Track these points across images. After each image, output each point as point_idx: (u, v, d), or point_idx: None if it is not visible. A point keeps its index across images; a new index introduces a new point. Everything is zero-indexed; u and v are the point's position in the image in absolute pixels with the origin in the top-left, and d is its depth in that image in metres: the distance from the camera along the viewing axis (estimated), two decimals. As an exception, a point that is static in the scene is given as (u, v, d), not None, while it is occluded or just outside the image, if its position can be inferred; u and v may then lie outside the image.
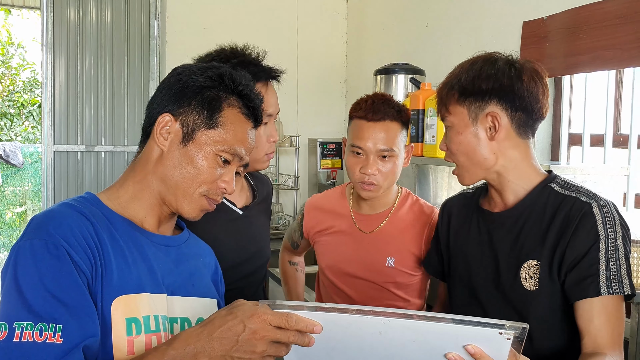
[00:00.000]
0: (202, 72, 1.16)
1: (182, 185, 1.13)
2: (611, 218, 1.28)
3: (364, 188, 1.77)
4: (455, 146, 1.41)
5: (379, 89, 3.12)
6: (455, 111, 1.40)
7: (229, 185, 1.16)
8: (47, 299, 0.94)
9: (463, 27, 3.19)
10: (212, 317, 0.98)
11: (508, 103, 1.35)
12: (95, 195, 1.14)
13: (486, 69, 1.36)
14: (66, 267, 0.97)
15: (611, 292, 1.24)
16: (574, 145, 2.69)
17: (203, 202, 1.15)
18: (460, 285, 1.51)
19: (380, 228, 1.85)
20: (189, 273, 1.20)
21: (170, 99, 1.14)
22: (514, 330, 0.88)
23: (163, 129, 1.13)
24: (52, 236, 0.98)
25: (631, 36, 2.19)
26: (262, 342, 0.93)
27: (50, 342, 0.92)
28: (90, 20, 3.96)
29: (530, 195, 1.39)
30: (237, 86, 1.16)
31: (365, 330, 0.93)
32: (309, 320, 0.93)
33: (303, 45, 4.38)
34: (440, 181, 2.90)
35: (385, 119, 1.73)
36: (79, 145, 3.98)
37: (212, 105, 1.13)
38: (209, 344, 0.94)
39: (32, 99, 10.41)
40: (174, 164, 1.12)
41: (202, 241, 1.33)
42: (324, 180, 4.09)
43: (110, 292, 1.02)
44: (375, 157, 1.74)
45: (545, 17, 2.58)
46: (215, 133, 1.13)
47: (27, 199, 9.53)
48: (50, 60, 3.89)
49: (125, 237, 1.10)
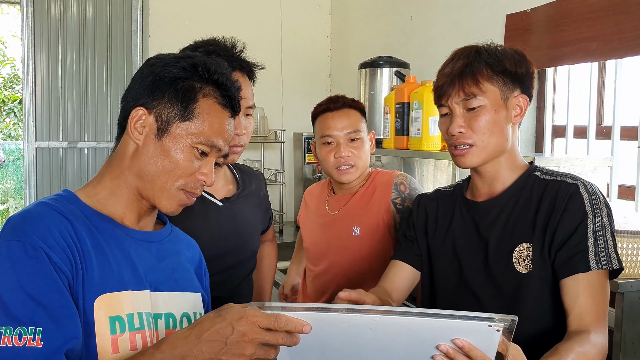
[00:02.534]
0: (176, 63, 1.12)
1: (159, 180, 1.10)
2: (597, 197, 1.33)
3: (342, 172, 1.91)
4: (487, 124, 1.36)
5: (364, 82, 3.12)
6: (489, 89, 1.37)
7: (208, 178, 1.13)
8: (26, 302, 0.92)
9: (447, 20, 3.20)
10: (201, 320, 0.97)
11: (526, 89, 1.41)
12: (73, 193, 1.11)
13: (516, 54, 1.40)
14: (45, 269, 0.94)
15: (600, 267, 1.28)
16: (558, 137, 2.71)
17: (181, 196, 1.13)
18: (446, 276, 1.51)
19: (345, 206, 1.97)
20: (171, 268, 1.18)
21: (144, 92, 1.11)
22: (503, 323, 0.89)
23: (137, 123, 1.10)
24: (30, 237, 0.95)
25: (614, 28, 2.20)
26: (251, 345, 0.93)
27: (30, 346, 0.89)
28: (72, 14, 3.91)
29: (516, 183, 1.42)
30: (212, 75, 1.13)
31: (355, 328, 0.94)
32: (298, 320, 0.93)
33: (287, 40, 4.36)
34: (426, 174, 2.91)
35: (344, 106, 1.94)
36: (61, 141, 3.93)
37: (186, 96, 1.10)
38: (197, 347, 0.93)
39: (12, 95, 10.28)
40: (150, 159, 1.10)
41: (185, 234, 1.31)
42: (310, 174, 4.09)
43: (92, 291, 1.00)
44: (345, 141, 1.90)
45: (529, 10, 2.59)
46: (190, 125, 1.10)
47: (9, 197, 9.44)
48: (31, 56, 3.83)
49: (105, 234, 1.07)
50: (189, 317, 1.17)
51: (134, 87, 1.14)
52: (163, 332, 1.10)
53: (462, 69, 1.38)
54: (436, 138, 2.41)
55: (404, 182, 1.92)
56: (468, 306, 1.45)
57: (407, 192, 1.90)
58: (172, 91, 1.10)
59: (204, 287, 1.30)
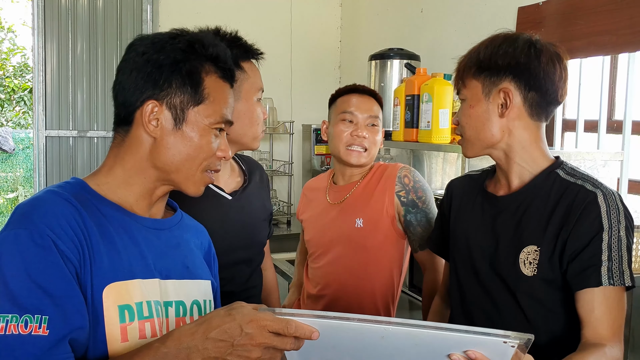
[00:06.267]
0: (170, 45, 1.09)
1: (184, 167, 1.11)
2: (615, 208, 1.28)
3: (352, 152, 1.91)
4: (466, 119, 1.42)
5: (374, 74, 3.11)
6: (470, 85, 1.40)
7: (226, 153, 1.15)
8: (33, 290, 0.91)
9: (458, 12, 3.18)
10: (210, 316, 0.96)
11: (522, 81, 1.35)
12: (82, 180, 1.10)
13: (505, 45, 1.37)
14: (52, 257, 0.94)
15: (612, 283, 1.24)
16: (568, 131, 2.70)
17: (206, 178, 1.15)
18: (463, 265, 1.51)
19: (348, 197, 1.96)
20: (181, 255, 1.18)
21: (147, 83, 1.09)
22: (518, 340, 0.88)
23: (151, 116, 1.08)
24: (37, 225, 0.95)
25: (626, 22, 2.19)
26: (258, 348, 0.92)
27: (35, 334, 0.89)
28: (82, 3, 3.91)
29: (535, 179, 1.39)
30: (208, 50, 1.11)
31: (367, 335, 0.94)
32: (308, 327, 0.93)
33: (297, 31, 4.35)
34: (435, 167, 2.91)
35: (369, 94, 1.97)
36: (71, 130, 3.95)
37: (192, 79, 1.09)
38: (203, 344, 0.92)
39: (22, 84, 10.33)
40: (172, 149, 1.09)
41: (194, 220, 1.31)
42: (318, 166, 4.09)
43: (100, 280, 1.00)
44: (364, 123, 1.92)
45: (541, 3, 2.57)
46: (204, 108, 1.10)
47: (18, 185, 9.50)
48: (42, 45, 3.84)
49: (114, 222, 1.07)
50: (199, 304, 1.17)
51: (130, 78, 1.11)
52: (173, 320, 1.11)
53: (458, 65, 1.45)
54: (446, 131, 2.40)
55: (407, 175, 1.91)
56: (477, 298, 1.46)
57: (411, 184, 1.89)
58: (178, 77, 1.08)
59: (213, 273, 1.30)
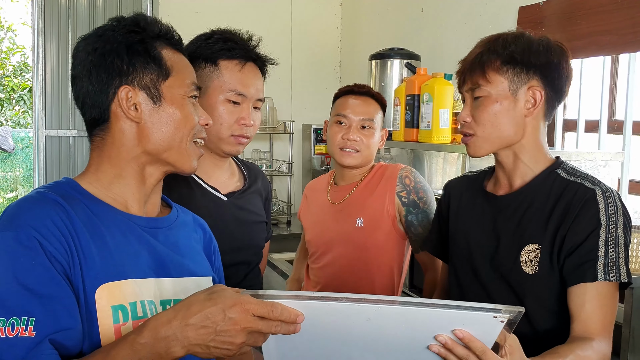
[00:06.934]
0: (118, 32, 1.09)
1: (175, 142, 1.11)
2: (614, 205, 1.28)
3: (345, 154, 1.92)
4: (488, 116, 1.36)
5: (374, 74, 3.11)
6: (495, 80, 1.35)
7: (208, 119, 1.17)
8: (20, 292, 0.90)
9: (458, 12, 3.17)
10: (188, 302, 0.91)
11: (549, 81, 1.35)
12: (73, 180, 1.09)
13: (536, 43, 1.35)
14: (39, 258, 0.93)
15: (607, 279, 1.24)
16: (569, 131, 2.69)
17: (196, 149, 1.15)
18: (462, 266, 1.51)
19: (348, 197, 1.97)
20: (180, 253, 1.16)
21: (112, 74, 1.07)
22: (509, 314, 0.88)
23: (128, 102, 1.07)
24: (24, 227, 0.94)
25: (627, 21, 2.18)
26: (243, 333, 0.88)
27: (22, 336, 0.88)
28: (82, 3, 3.90)
29: (536, 179, 1.39)
30: (152, 26, 1.12)
31: (353, 318, 0.91)
32: (294, 310, 0.89)
33: (297, 30, 4.35)
34: (435, 167, 2.90)
35: (368, 95, 1.96)
36: (70, 130, 3.94)
37: (153, 56, 1.09)
38: (183, 333, 0.88)
39: (22, 83, 10.33)
40: (160, 128, 1.09)
41: (193, 215, 1.29)
42: (318, 166, 4.09)
43: (92, 281, 0.99)
44: (357, 126, 1.92)
45: (541, 2, 2.57)
46: (174, 80, 1.10)
47: (18, 185, 9.50)
48: (41, 44, 3.84)
49: (106, 221, 1.05)
50: None
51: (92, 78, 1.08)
52: None
53: (474, 58, 1.38)
54: (446, 131, 2.40)
55: (408, 176, 1.91)
56: (477, 297, 1.46)
57: (412, 185, 1.90)
58: (139, 57, 1.08)
59: (215, 267, 1.28)
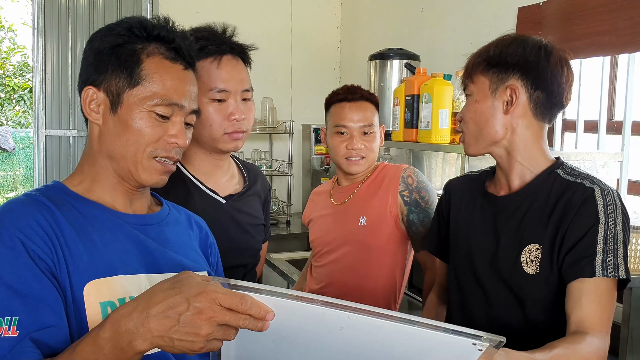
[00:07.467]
0: (111, 31, 1.07)
1: (128, 154, 1.07)
2: (613, 203, 1.29)
3: (352, 162, 1.94)
4: (470, 114, 1.43)
5: (374, 74, 3.11)
6: (478, 80, 1.42)
7: (179, 138, 1.08)
8: (3, 292, 0.91)
9: (458, 12, 3.18)
10: (151, 291, 0.86)
11: (529, 80, 1.37)
12: (60, 183, 1.11)
13: (515, 44, 1.39)
14: (22, 258, 0.93)
15: (605, 275, 1.24)
16: (568, 131, 2.70)
17: (156, 165, 1.09)
18: (462, 266, 1.51)
19: (352, 197, 1.99)
20: (172, 250, 1.16)
21: (89, 71, 1.07)
22: (489, 343, 0.81)
23: (91, 103, 1.07)
24: (7, 228, 0.95)
25: (627, 22, 2.18)
26: (208, 324, 0.81)
27: (5, 336, 0.88)
28: (82, 3, 3.91)
29: (536, 180, 1.40)
30: (152, 31, 1.07)
31: (325, 324, 0.84)
32: (264, 305, 0.83)
33: (297, 30, 4.35)
34: (435, 167, 2.91)
35: (362, 99, 1.96)
36: (71, 129, 3.95)
37: (128, 61, 1.05)
38: (144, 325, 0.83)
39: (22, 83, 10.33)
40: (113, 136, 1.07)
41: (188, 212, 1.28)
42: (318, 166, 4.09)
43: (80, 278, 0.99)
44: (359, 134, 1.93)
45: (541, 3, 2.57)
46: (141, 90, 1.05)
47: (18, 184, 9.50)
48: (42, 44, 3.84)
49: (93, 220, 1.06)
50: None
51: (81, 70, 1.09)
52: None
53: (468, 61, 1.45)
54: (445, 131, 2.40)
55: (411, 175, 1.93)
56: (475, 298, 1.46)
57: (414, 185, 1.91)
58: (115, 61, 1.05)
59: (211, 263, 1.28)
